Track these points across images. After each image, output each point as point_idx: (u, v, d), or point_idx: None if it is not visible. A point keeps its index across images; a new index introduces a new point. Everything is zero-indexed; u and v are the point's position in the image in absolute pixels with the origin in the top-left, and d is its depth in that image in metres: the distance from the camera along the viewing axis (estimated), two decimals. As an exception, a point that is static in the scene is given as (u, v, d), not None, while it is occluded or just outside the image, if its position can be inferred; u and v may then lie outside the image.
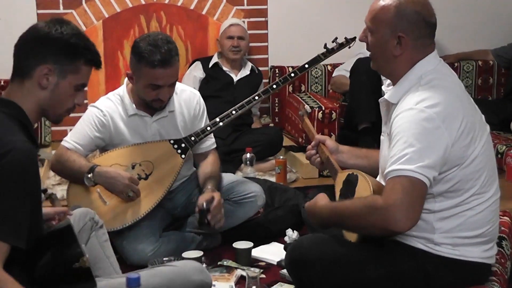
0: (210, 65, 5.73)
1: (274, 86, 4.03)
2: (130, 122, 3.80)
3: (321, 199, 2.99)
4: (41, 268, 2.44)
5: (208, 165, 3.94)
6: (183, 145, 3.81)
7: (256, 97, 3.92)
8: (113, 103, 3.82)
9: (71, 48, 2.51)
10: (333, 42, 3.84)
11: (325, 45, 3.85)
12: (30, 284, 2.40)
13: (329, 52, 3.89)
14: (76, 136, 3.73)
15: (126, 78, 3.85)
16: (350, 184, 3.03)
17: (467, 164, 2.74)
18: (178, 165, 3.77)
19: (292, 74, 4.04)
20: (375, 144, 4.97)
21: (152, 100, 3.73)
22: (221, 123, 3.91)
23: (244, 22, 6.02)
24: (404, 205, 2.63)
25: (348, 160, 3.36)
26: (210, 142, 4.00)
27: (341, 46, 3.86)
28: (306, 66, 4.01)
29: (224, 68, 5.72)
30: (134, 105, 3.80)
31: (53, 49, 2.49)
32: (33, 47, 2.50)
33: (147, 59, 3.61)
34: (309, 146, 3.45)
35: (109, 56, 5.93)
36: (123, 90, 3.85)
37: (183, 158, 3.79)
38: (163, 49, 3.61)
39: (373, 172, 3.20)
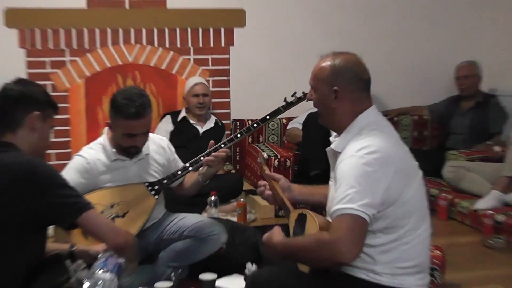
0: (178, 119, 5.78)
1: (239, 135, 4.00)
2: (112, 167, 3.78)
3: (277, 235, 2.97)
4: (39, 285, 2.50)
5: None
6: (156, 187, 3.80)
7: (222, 145, 3.90)
8: (95, 152, 3.80)
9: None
10: (292, 96, 3.88)
11: (285, 98, 3.86)
12: None
13: (288, 104, 3.88)
14: None
15: (106, 128, 3.85)
16: (301, 223, 3.03)
17: (402, 204, 2.76)
18: (151, 206, 3.76)
19: (255, 125, 4.01)
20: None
21: (128, 146, 3.74)
22: (190, 168, 3.88)
23: (209, 80, 6.08)
24: (348, 240, 2.63)
25: (297, 196, 3.40)
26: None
27: (299, 99, 3.86)
28: (268, 117, 3.98)
29: (191, 121, 5.76)
30: (114, 151, 3.80)
31: (35, 101, 2.69)
32: (18, 103, 2.67)
33: (123, 112, 3.60)
34: (260, 182, 3.49)
35: (90, 110, 5.96)
36: (103, 138, 3.84)
37: (156, 199, 3.78)
38: (137, 103, 3.60)
39: (317, 205, 3.31)
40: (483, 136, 6.04)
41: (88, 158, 3.76)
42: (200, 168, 3.90)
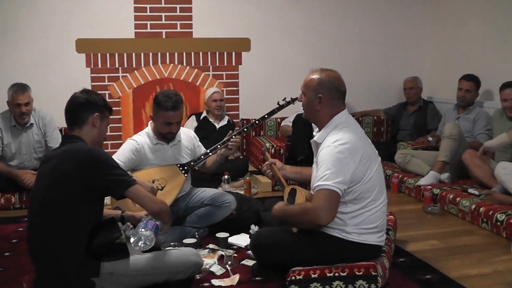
0: (201, 118, 5.74)
1: (245, 129, 3.97)
2: (154, 149, 3.78)
3: (277, 205, 3.00)
4: (98, 240, 2.50)
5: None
6: (185, 167, 3.78)
7: (233, 136, 3.86)
8: (142, 137, 3.80)
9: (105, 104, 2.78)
10: (283, 100, 3.85)
11: (278, 102, 3.86)
12: (88, 251, 2.50)
13: (280, 107, 3.87)
14: (118, 156, 3.65)
15: (150, 121, 3.84)
16: (292, 195, 3.03)
17: (366, 182, 2.76)
18: (182, 181, 3.74)
19: (257, 121, 3.99)
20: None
21: (166, 133, 3.74)
22: (210, 153, 3.86)
23: (223, 90, 6.04)
24: (325, 208, 2.64)
25: (289, 174, 3.39)
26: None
27: (288, 103, 3.84)
28: (266, 116, 3.96)
29: (210, 120, 5.71)
30: (156, 137, 3.80)
31: (96, 105, 2.71)
32: (84, 107, 2.69)
33: (163, 106, 3.65)
34: (264, 164, 3.47)
35: (136, 112, 5.91)
36: (148, 129, 3.84)
37: (186, 176, 3.77)
38: (173, 99, 3.65)
39: (303, 181, 3.31)
40: (423, 131, 6.02)
41: (138, 141, 3.78)
42: (218, 151, 3.87)
